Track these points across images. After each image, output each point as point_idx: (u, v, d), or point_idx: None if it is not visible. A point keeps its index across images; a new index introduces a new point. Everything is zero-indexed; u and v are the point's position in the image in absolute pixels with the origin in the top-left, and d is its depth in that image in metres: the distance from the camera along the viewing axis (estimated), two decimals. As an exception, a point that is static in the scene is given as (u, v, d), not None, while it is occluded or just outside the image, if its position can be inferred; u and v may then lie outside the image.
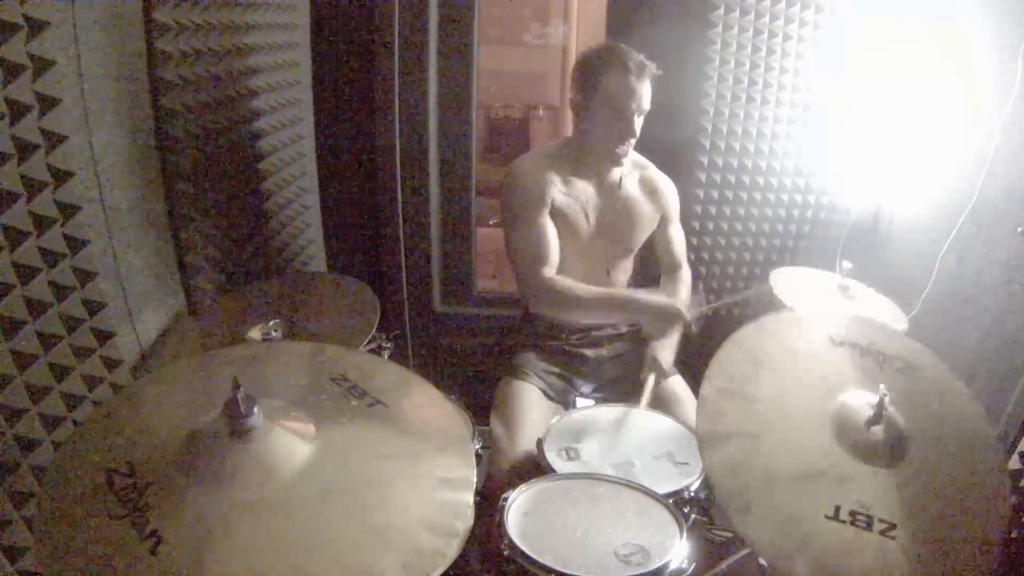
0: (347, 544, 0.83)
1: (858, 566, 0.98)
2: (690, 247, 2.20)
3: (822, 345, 1.27)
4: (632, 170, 1.96)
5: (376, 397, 1.04)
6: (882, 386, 1.14)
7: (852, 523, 1.01)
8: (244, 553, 0.80)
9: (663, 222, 2.01)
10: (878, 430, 1.13)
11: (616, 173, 1.91)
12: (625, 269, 2.05)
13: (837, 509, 1.03)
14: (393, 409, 1.03)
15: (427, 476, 0.93)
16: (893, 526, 1.02)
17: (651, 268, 2.09)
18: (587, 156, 1.88)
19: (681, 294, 1.99)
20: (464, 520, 0.88)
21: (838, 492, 1.06)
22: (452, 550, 0.84)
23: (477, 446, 1.64)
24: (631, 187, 1.95)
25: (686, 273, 2.06)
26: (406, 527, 0.86)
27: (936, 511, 1.08)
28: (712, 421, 1.14)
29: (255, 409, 0.91)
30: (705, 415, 1.15)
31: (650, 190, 1.97)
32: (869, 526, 1.01)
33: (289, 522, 0.85)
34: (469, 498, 0.91)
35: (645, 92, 1.76)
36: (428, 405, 1.09)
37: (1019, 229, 1.80)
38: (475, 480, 0.94)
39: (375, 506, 0.88)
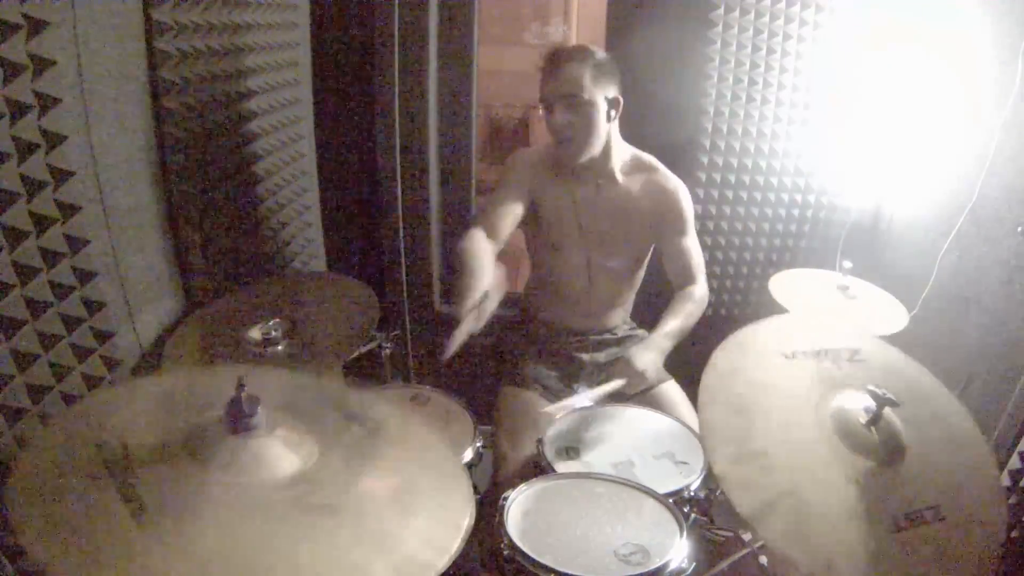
0: (337, 541, 0.83)
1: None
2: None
3: (779, 365, 1.26)
4: (637, 172, 1.90)
5: (378, 424, 1.06)
6: (871, 386, 1.16)
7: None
8: (231, 532, 0.80)
9: (671, 232, 1.89)
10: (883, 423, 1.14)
11: (610, 174, 1.86)
12: (618, 279, 1.97)
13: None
14: (394, 436, 1.05)
15: (425, 494, 0.95)
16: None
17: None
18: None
19: (688, 307, 1.82)
20: (460, 530, 0.89)
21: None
22: (445, 557, 0.85)
23: (478, 444, 1.65)
24: (631, 189, 1.88)
25: (699, 291, 1.88)
26: (399, 534, 0.86)
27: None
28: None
29: (258, 409, 0.91)
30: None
31: (656, 195, 1.88)
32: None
33: (278, 513, 0.84)
34: (465, 518, 0.92)
35: (559, 78, 1.71)
36: (426, 441, 1.12)
37: (1019, 229, 1.80)
38: (472, 516, 0.95)
39: (369, 514, 0.89)
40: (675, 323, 1.78)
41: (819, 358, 1.27)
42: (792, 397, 1.20)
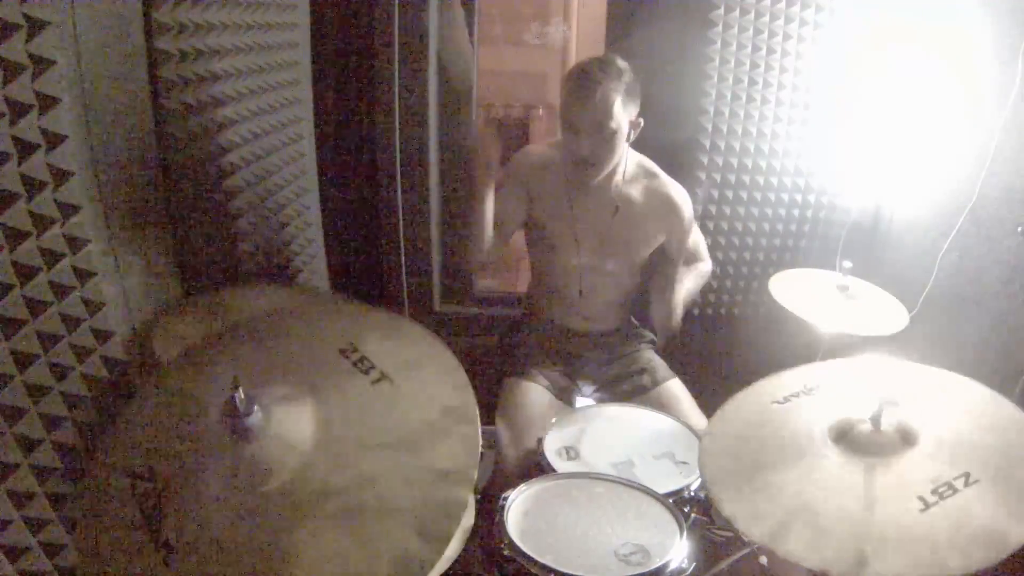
0: (336, 553, 0.82)
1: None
2: (691, 247, 2.18)
3: (773, 410, 1.27)
4: (638, 179, 1.89)
5: (383, 372, 1.00)
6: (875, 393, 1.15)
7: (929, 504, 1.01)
8: (242, 561, 0.80)
9: (677, 233, 1.89)
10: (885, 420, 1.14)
11: (615, 186, 1.85)
12: (615, 282, 1.97)
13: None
14: (399, 386, 0.99)
15: (425, 469, 0.91)
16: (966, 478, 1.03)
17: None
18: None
19: (699, 270, 1.99)
20: (457, 520, 0.87)
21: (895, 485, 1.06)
22: (439, 557, 0.84)
23: (479, 444, 1.64)
24: (636, 198, 1.87)
25: (704, 266, 2.04)
26: (396, 533, 0.85)
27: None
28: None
29: (255, 407, 0.91)
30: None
31: (658, 202, 1.88)
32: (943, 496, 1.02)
33: (283, 527, 0.84)
34: (466, 495, 0.89)
35: (590, 106, 1.63)
36: (437, 380, 1.03)
37: (1019, 229, 1.80)
38: (475, 474, 0.92)
39: (368, 508, 0.87)
40: (690, 282, 1.95)
41: (809, 392, 1.28)
42: (790, 431, 1.20)
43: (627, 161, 1.86)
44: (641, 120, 1.76)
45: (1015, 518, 0.97)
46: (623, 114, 1.69)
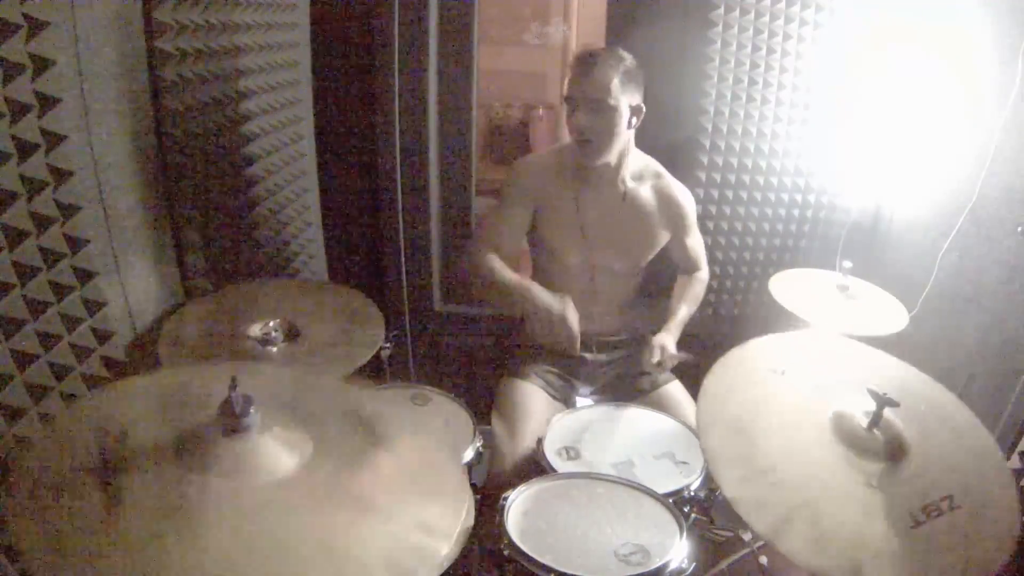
0: (299, 561, 0.82)
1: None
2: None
3: (771, 382, 1.26)
4: (645, 179, 1.91)
5: (381, 437, 1.04)
6: (871, 387, 1.16)
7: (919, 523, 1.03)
8: (197, 536, 0.80)
9: (680, 233, 1.95)
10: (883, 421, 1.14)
11: (622, 182, 1.86)
12: (619, 281, 1.98)
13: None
14: (396, 453, 1.03)
15: (408, 517, 0.92)
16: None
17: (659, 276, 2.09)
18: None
19: (695, 291, 2.01)
20: (428, 568, 0.86)
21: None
22: (440, 565, 0.84)
23: (478, 444, 1.64)
24: (644, 197, 1.89)
25: (703, 274, 2.05)
26: (366, 562, 0.84)
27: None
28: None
29: (251, 409, 0.91)
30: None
31: (665, 201, 1.90)
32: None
33: (250, 523, 0.84)
34: (442, 549, 0.88)
35: (589, 81, 1.69)
36: (436, 451, 1.09)
37: (1019, 229, 1.81)
38: (456, 537, 0.92)
39: (341, 531, 0.87)
40: (686, 310, 1.97)
41: (808, 370, 1.27)
42: (789, 410, 1.20)
43: (632, 158, 1.86)
44: (643, 106, 1.77)
45: (978, 561, 0.99)
46: (622, 94, 1.70)
